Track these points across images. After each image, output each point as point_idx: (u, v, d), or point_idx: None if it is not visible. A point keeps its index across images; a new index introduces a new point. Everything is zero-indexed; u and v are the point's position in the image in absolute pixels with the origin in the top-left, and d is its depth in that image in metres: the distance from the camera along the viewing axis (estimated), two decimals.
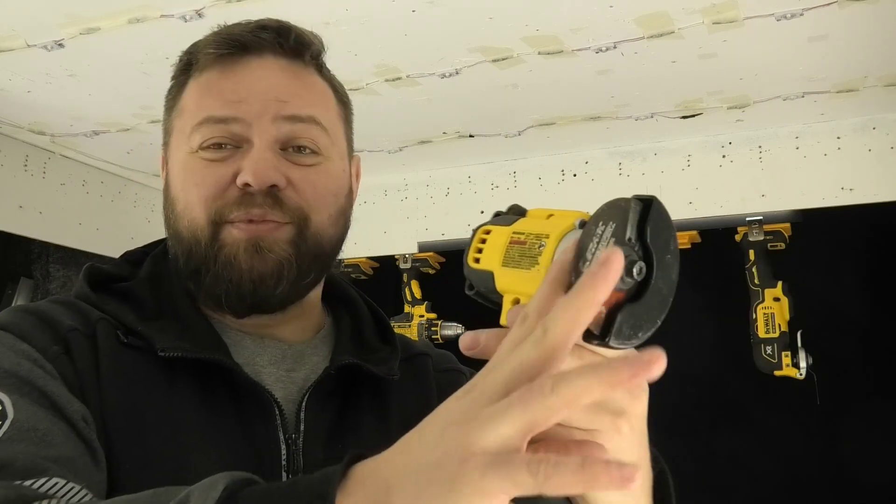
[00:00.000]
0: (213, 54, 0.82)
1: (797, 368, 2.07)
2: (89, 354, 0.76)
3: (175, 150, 0.84)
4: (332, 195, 0.84)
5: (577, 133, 2.25)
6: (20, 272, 2.48)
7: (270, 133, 0.80)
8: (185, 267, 0.82)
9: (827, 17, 1.56)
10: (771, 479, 2.21)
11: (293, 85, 0.83)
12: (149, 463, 0.73)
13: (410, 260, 2.59)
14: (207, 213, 0.79)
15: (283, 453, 0.78)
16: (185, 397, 0.77)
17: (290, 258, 0.80)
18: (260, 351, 0.84)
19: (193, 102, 0.83)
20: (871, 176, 2.11)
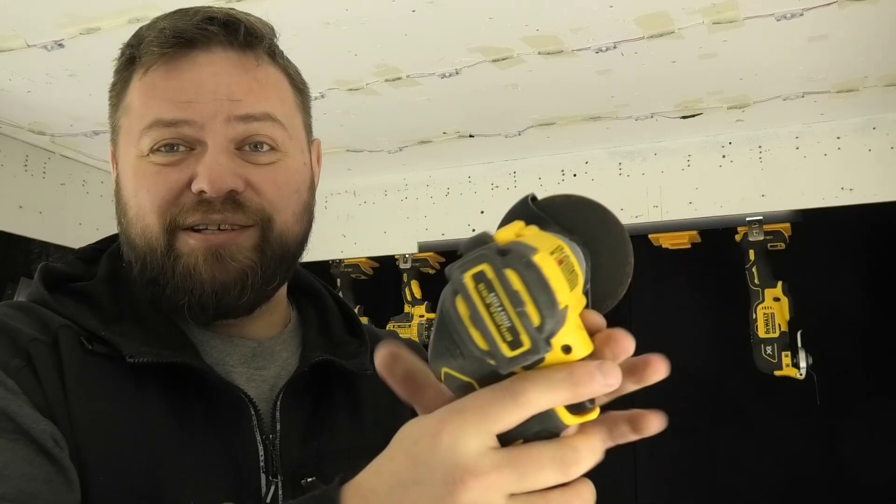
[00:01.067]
0: (156, 51, 0.78)
1: (797, 368, 2.07)
2: (53, 365, 0.72)
3: (124, 152, 0.81)
4: (295, 192, 0.80)
5: (577, 133, 2.25)
6: (20, 272, 2.47)
7: (224, 134, 0.76)
8: (141, 276, 0.79)
9: (827, 17, 1.56)
10: (771, 479, 2.21)
11: (245, 81, 0.78)
12: (123, 474, 0.70)
13: (410, 260, 2.59)
14: (161, 220, 0.76)
15: (261, 454, 0.76)
16: (156, 403, 0.74)
17: (255, 265, 0.76)
18: (229, 350, 0.81)
19: (140, 102, 0.79)
20: (871, 176, 2.11)
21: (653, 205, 2.32)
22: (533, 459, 0.46)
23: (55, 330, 0.74)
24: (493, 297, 0.45)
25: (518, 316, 0.45)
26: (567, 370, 0.46)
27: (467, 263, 0.46)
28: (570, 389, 0.46)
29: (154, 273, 0.77)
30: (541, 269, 0.45)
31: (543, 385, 0.46)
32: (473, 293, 0.45)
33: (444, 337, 0.48)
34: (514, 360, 0.45)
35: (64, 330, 0.74)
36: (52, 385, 0.71)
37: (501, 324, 0.45)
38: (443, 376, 0.49)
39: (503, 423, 0.46)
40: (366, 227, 2.63)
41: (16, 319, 0.74)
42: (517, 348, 0.45)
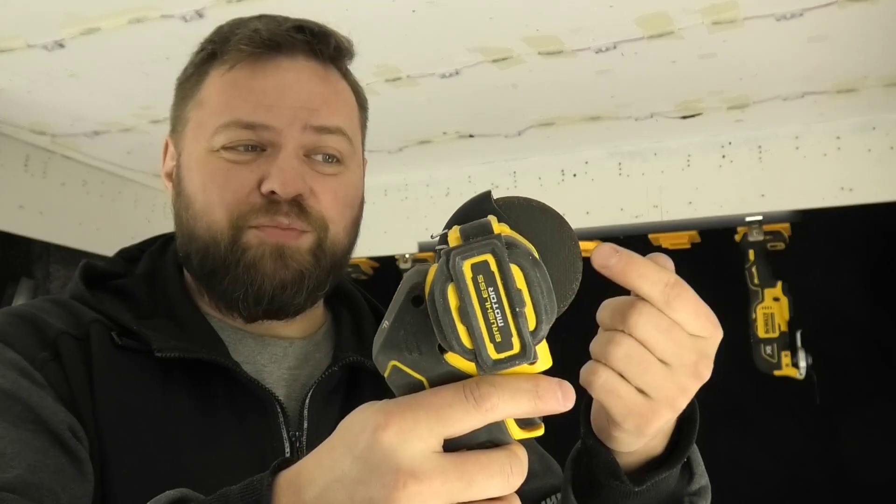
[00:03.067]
0: (246, 49, 0.79)
1: (797, 368, 2.07)
2: (81, 358, 0.74)
3: (192, 144, 0.82)
4: (350, 206, 0.84)
5: (577, 133, 2.25)
6: (20, 272, 2.47)
7: (299, 141, 0.79)
8: (201, 267, 0.80)
9: (827, 18, 1.56)
10: (771, 479, 2.21)
11: (324, 92, 0.81)
12: (145, 467, 0.71)
13: (410, 260, 2.59)
14: (230, 217, 0.78)
15: (287, 452, 0.77)
16: (183, 398, 0.75)
17: (311, 268, 0.79)
18: (260, 349, 0.83)
19: (219, 99, 0.80)
20: (871, 176, 2.11)
21: (653, 205, 2.32)
22: (482, 467, 0.44)
23: (87, 324, 0.76)
24: (491, 292, 0.42)
25: (515, 316, 0.42)
26: (533, 382, 0.44)
27: (470, 251, 0.42)
28: (533, 402, 0.44)
29: (215, 265, 0.79)
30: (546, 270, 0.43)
31: (510, 393, 0.44)
32: (470, 284, 0.42)
33: (403, 327, 0.45)
34: (498, 364, 0.42)
35: (96, 325, 0.76)
36: (78, 378, 0.72)
37: (494, 322, 0.42)
38: (389, 370, 0.46)
39: (458, 428, 0.44)
40: (366, 227, 2.61)
41: (48, 313, 0.76)
42: (504, 351, 0.42)
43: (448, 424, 0.43)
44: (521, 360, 0.42)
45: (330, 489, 0.45)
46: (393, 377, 0.46)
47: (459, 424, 0.44)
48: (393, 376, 0.46)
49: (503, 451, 0.45)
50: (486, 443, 0.45)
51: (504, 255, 0.42)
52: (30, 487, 0.62)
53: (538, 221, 0.51)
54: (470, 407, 0.43)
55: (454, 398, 0.44)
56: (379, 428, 0.44)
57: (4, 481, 0.61)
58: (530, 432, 0.47)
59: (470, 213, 0.49)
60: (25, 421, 0.67)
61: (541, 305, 0.42)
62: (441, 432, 0.44)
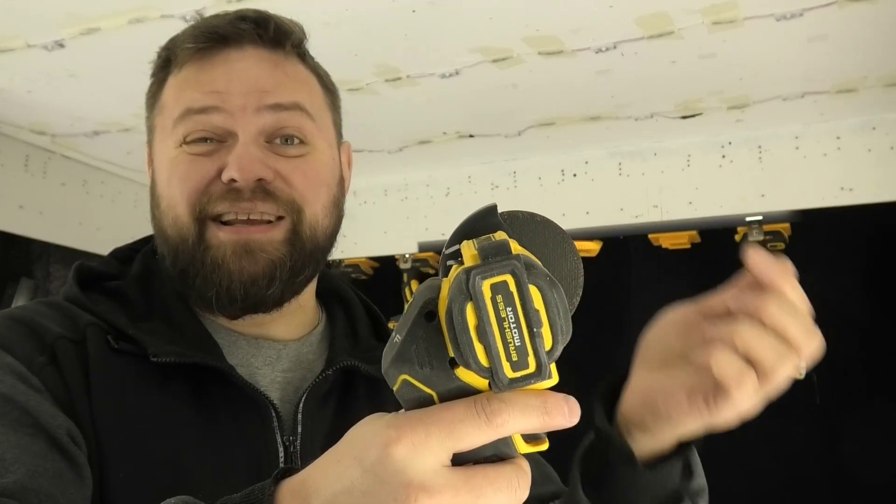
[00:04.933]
0: (191, 48, 0.80)
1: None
2: (78, 363, 0.74)
3: (159, 147, 0.82)
4: (325, 185, 0.82)
5: (577, 133, 2.25)
6: (20, 272, 2.47)
7: (255, 124, 0.78)
8: (173, 267, 0.80)
9: (827, 17, 1.56)
10: (771, 479, 2.21)
11: (275, 74, 0.80)
12: (143, 471, 0.72)
13: (410, 260, 2.59)
14: (191, 208, 0.77)
15: (281, 455, 0.77)
16: (179, 402, 0.75)
17: (284, 258, 0.78)
18: (255, 352, 0.82)
19: (173, 98, 0.81)
20: (870, 176, 2.11)
21: (653, 205, 2.32)
22: (490, 481, 0.44)
23: (83, 328, 0.76)
24: (509, 312, 0.42)
25: (532, 337, 0.42)
26: (541, 398, 0.45)
27: (490, 271, 0.42)
28: (541, 418, 0.45)
29: (185, 264, 0.78)
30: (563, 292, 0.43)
31: (520, 410, 0.44)
32: (489, 304, 0.42)
33: (415, 342, 0.45)
34: (514, 383, 0.43)
35: (92, 328, 0.76)
36: (75, 382, 0.72)
37: (511, 342, 0.42)
38: (399, 384, 0.46)
39: (468, 443, 0.44)
40: (366, 227, 2.63)
41: (45, 317, 0.76)
42: (520, 370, 0.43)
43: (459, 439, 0.44)
44: (537, 379, 0.43)
45: (337, 500, 0.46)
46: (403, 391, 0.46)
47: (470, 440, 0.44)
48: (403, 390, 0.46)
49: (510, 466, 0.46)
50: (492, 457, 0.46)
51: (524, 276, 0.43)
52: (29, 493, 0.62)
53: (542, 235, 0.52)
54: (481, 423, 0.44)
55: (466, 414, 0.44)
56: (391, 442, 0.44)
57: (4, 486, 0.61)
58: (535, 446, 0.47)
59: (476, 225, 0.49)
60: (24, 426, 0.66)
61: (557, 326, 0.43)
62: (451, 447, 0.44)
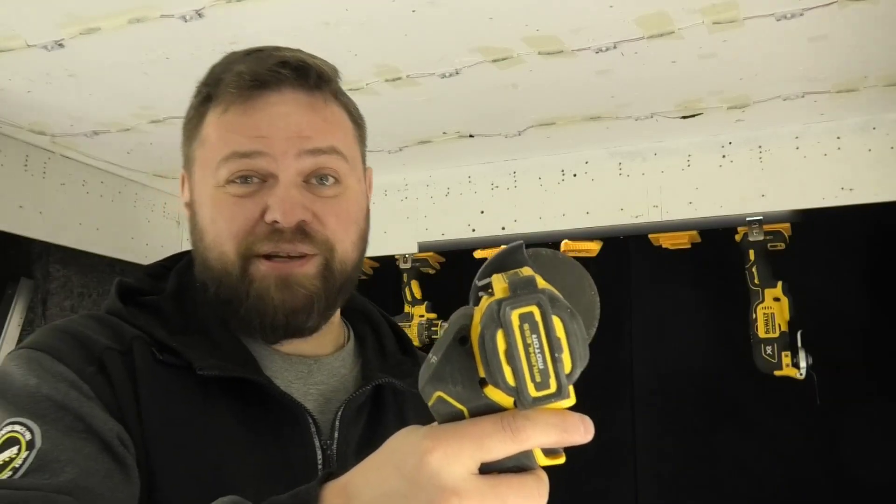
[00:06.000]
0: (234, 92, 0.85)
1: (797, 368, 2.07)
2: (126, 373, 0.79)
3: (201, 182, 0.88)
4: (354, 222, 0.89)
5: (577, 133, 2.25)
6: (20, 272, 2.47)
7: (295, 167, 0.84)
8: (217, 296, 0.86)
9: (827, 17, 1.56)
10: (771, 479, 2.21)
11: (314, 119, 0.86)
12: (190, 475, 0.77)
13: (410, 260, 2.59)
14: (237, 247, 0.84)
15: (320, 459, 0.83)
16: (222, 412, 0.82)
17: (319, 291, 0.85)
18: (288, 367, 0.89)
19: (217, 136, 0.86)
20: (871, 176, 2.11)
21: (653, 205, 2.32)
22: (514, 489, 0.50)
23: (129, 340, 0.82)
24: (534, 339, 0.49)
25: (554, 361, 0.48)
26: (561, 417, 0.50)
27: (518, 302, 0.49)
28: (560, 435, 0.50)
29: (229, 295, 0.85)
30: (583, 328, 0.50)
31: (542, 427, 0.50)
32: (517, 331, 0.48)
33: (449, 363, 0.51)
34: (537, 401, 0.49)
35: (138, 341, 0.82)
36: (124, 391, 0.79)
37: (535, 365, 0.48)
38: (434, 399, 0.52)
39: (495, 454, 0.50)
40: None
41: (93, 330, 0.83)
42: (543, 390, 0.48)
43: (487, 451, 0.50)
44: (557, 398, 0.49)
45: (377, 501, 0.52)
46: (437, 406, 0.52)
47: (496, 452, 0.50)
48: (437, 405, 0.52)
49: (531, 476, 0.51)
50: (515, 467, 0.51)
51: (548, 307, 0.49)
52: (81, 490, 0.68)
53: (563, 271, 0.60)
54: (507, 437, 0.50)
55: (493, 429, 0.50)
56: (427, 451, 0.50)
57: (59, 484, 0.68)
58: (554, 460, 0.53)
59: (505, 261, 0.55)
60: (76, 430, 0.73)
61: (576, 352, 0.49)
62: (480, 458, 0.50)
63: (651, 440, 2.32)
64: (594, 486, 2.25)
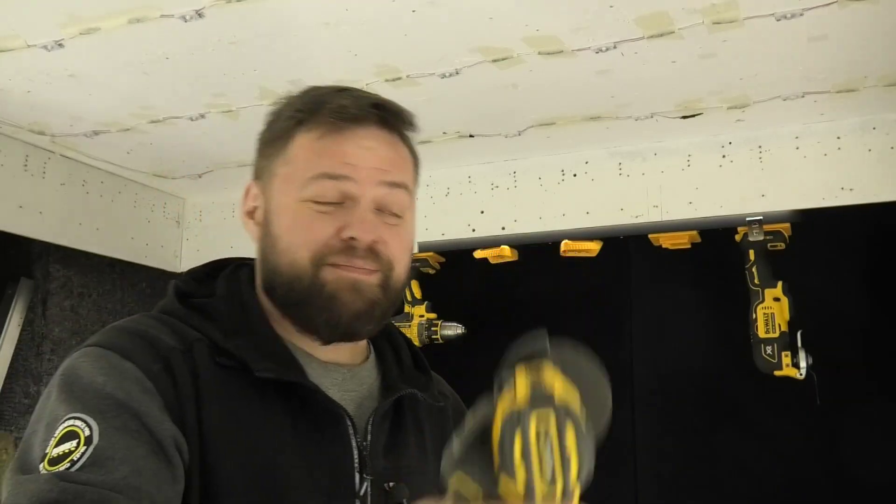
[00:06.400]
0: (331, 121, 0.96)
1: (797, 368, 2.07)
2: (188, 372, 0.87)
3: (280, 194, 0.97)
4: (408, 250, 1.01)
5: (577, 133, 2.25)
6: (20, 272, 2.47)
7: (374, 194, 0.95)
8: (285, 299, 0.95)
9: (827, 17, 1.56)
10: (771, 479, 2.21)
11: (392, 156, 0.98)
12: (246, 468, 0.85)
13: None
14: (312, 256, 0.93)
15: (356, 457, 0.92)
16: (277, 413, 0.90)
17: (381, 300, 0.95)
18: (325, 373, 0.98)
19: (309, 157, 0.96)
20: (871, 176, 2.11)
21: (653, 205, 2.32)
22: None
23: (191, 342, 0.90)
24: (547, 446, 0.56)
25: (563, 465, 0.56)
26: None
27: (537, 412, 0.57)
28: None
29: (300, 297, 0.94)
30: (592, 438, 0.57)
31: None
32: (532, 437, 0.56)
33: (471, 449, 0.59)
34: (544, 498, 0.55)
35: (199, 343, 0.90)
36: (186, 389, 0.85)
37: (545, 469, 0.56)
38: (455, 477, 0.60)
39: None
40: None
41: (158, 329, 0.90)
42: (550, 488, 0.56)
43: None
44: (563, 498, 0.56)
45: None
46: (456, 483, 0.60)
47: None
48: (456, 482, 0.60)
49: None
50: None
51: (564, 420, 0.57)
52: (131, 489, 0.75)
53: (582, 365, 0.66)
54: None
55: None
56: None
57: (113, 482, 0.75)
58: None
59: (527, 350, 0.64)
60: (132, 429, 0.80)
61: (584, 459, 0.56)
62: None
63: (651, 440, 2.32)
64: (594, 486, 2.25)
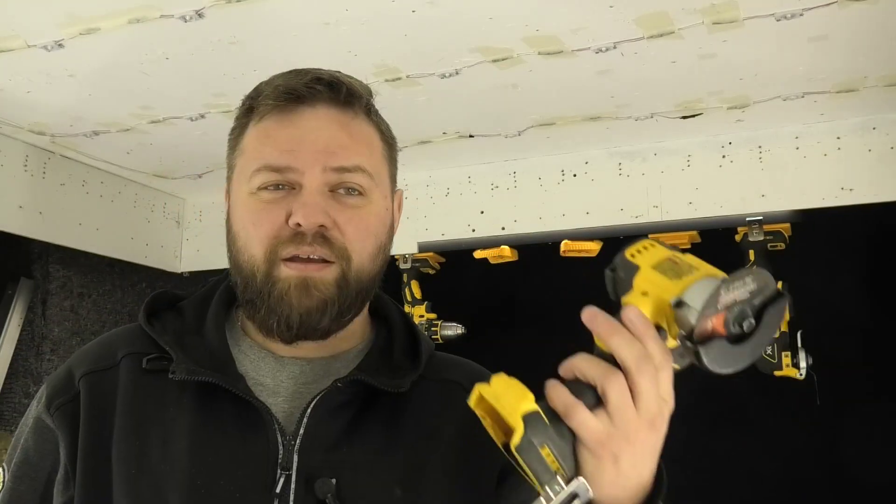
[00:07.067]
0: (271, 104, 0.92)
1: (797, 368, 2.07)
2: (104, 392, 0.91)
3: (237, 188, 0.95)
4: (373, 235, 0.94)
5: (577, 133, 2.25)
6: (20, 272, 2.47)
7: (320, 180, 0.90)
8: (243, 296, 0.94)
9: (827, 17, 1.56)
10: (771, 479, 2.21)
11: (342, 136, 0.92)
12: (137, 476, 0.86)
13: (410, 260, 2.59)
14: (265, 250, 0.90)
15: (280, 452, 0.88)
16: (189, 413, 0.89)
17: (334, 297, 0.90)
18: (280, 368, 0.95)
19: (253, 147, 0.93)
20: (871, 176, 2.11)
21: (653, 205, 2.32)
22: None
23: (120, 358, 0.93)
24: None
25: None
26: None
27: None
28: None
29: (252, 295, 0.92)
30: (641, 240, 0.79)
31: None
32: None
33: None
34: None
35: (127, 358, 0.93)
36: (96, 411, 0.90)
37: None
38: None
39: None
40: None
41: (83, 355, 0.96)
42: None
43: None
44: None
45: None
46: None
47: None
48: None
49: None
50: None
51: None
52: None
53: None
54: None
55: None
56: None
57: None
58: None
59: None
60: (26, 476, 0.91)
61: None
62: None
63: None
64: None
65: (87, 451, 0.88)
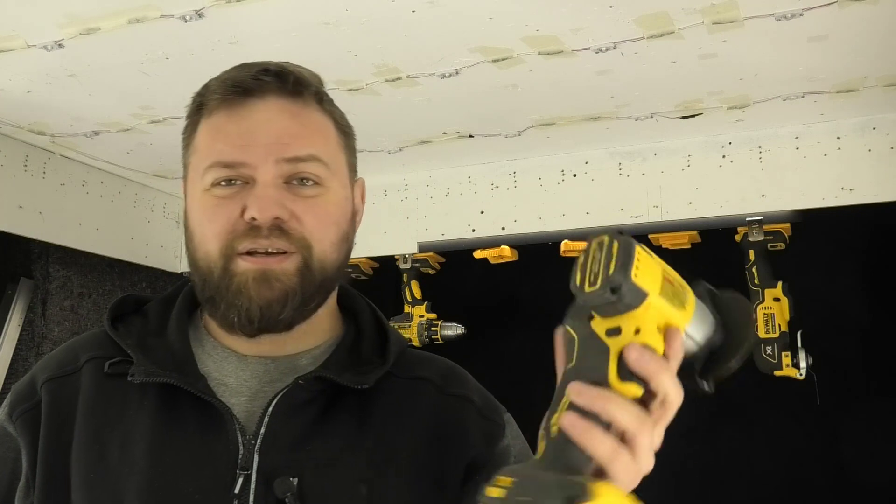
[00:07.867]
0: (219, 98, 0.90)
1: (797, 368, 2.07)
2: (66, 397, 0.90)
3: (191, 186, 0.93)
4: (334, 223, 0.92)
5: (577, 133, 2.25)
6: (20, 272, 2.47)
7: (273, 172, 0.88)
8: (202, 294, 0.92)
9: (827, 17, 1.56)
10: (771, 479, 2.21)
11: (293, 126, 0.90)
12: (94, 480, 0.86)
13: (410, 260, 2.59)
14: (220, 246, 0.88)
15: (241, 454, 0.86)
16: (149, 415, 0.88)
17: (296, 287, 0.88)
18: (243, 367, 0.93)
19: (204, 144, 0.91)
20: (871, 176, 2.11)
21: (653, 205, 2.32)
22: None
23: (82, 363, 0.93)
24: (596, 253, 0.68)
25: (604, 268, 0.67)
26: None
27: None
28: None
29: (211, 291, 0.90)
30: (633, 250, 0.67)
31: None
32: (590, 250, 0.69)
33: None
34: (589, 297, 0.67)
35: (90, 364, 0.92)
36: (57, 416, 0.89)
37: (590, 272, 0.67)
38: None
39: None
40: (366, 227, 2.60)
41: (46, 363, 0.95)
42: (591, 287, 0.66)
43: None
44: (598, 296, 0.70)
45: None
46: None
47: None
48: None
49: None
50: None
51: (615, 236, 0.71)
52: None
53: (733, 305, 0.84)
54: None
55: None
56: None
57: None
58: None
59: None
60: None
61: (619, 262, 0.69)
62: None
63: None
64: None
65: (47, 457, 0.87)
